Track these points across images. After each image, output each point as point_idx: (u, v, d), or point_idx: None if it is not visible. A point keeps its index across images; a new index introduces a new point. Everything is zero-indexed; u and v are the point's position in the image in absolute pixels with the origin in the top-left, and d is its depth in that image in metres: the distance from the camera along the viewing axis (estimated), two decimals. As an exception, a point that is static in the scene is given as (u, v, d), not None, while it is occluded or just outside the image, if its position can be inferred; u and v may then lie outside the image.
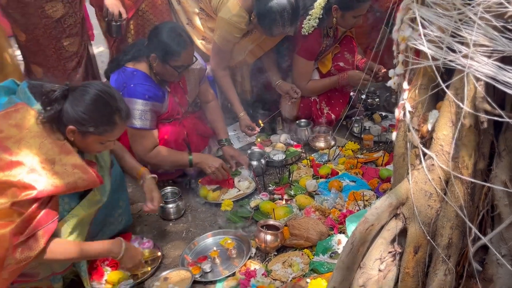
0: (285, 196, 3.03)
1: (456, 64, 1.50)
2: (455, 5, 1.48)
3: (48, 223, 2.06)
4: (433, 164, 1.63)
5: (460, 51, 1.48)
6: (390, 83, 1.92)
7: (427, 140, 1.70)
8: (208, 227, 2.88)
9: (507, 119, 1.39)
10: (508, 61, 1.41)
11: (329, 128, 3.66)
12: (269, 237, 2.54)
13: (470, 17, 1.45)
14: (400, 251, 1.75)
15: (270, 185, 3.20)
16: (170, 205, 2.97)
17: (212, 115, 3.42)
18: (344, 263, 1.75)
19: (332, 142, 3.60)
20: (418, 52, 1.70)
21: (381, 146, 3.57)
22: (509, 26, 1.39)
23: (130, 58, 2.95)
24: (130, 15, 3.48)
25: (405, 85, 1.78)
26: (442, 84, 1.55)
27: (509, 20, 1.38)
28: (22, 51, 3.41)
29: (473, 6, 1.43)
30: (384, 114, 3.99)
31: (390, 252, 1.76)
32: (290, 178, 3.19)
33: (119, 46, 3.59)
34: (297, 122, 3.78)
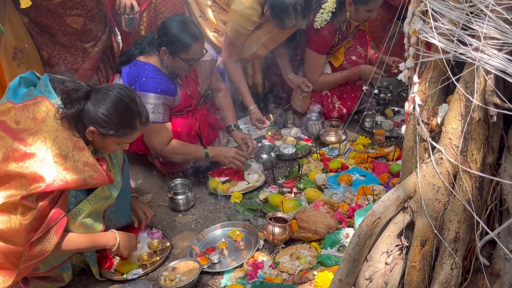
0: (294, 190, 3.04)
1: (467, 57, 1.49)
2: (467, -2, 1.47)
3: (59, 218, 2.11)
4: (442, 158, 1.62)
5: (471, 44, 1.47)
6: (401, 77, 1.92)
7: (436, 134, 1.69)
8: (217, 219, 2.90)
9: (517, 113, 1.38)
10: (519, 54, 1.40)
11: (340, 122, 3.65)
12: (277, 230, 2.54)
13: (482, 10, 1.43)
14: (407, 245, 1.74)
15: (280, 178, 3.20)
16: (180, 197, 2.99)
17: (222, 103, 3.44)
18: (351, 256, 1.75)
19: (343, 137, 3.59)
20: (429, 45, 1.69)
21: (393, 141, 3.55)
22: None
23: (141, 52, 2.96)
24: (143, 8, 3.48)
25: (415, 79, 1.77)
26: (452, 77, 1.54)
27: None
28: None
29: (485, -1, 1.42)
30: (397, 109, 3.96)
31: (397, 246, 1.76)
32: (300, 172, 3.19)
33: (128, 39, 3.60)
34: (308, 116, 3.77)
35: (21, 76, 2.35)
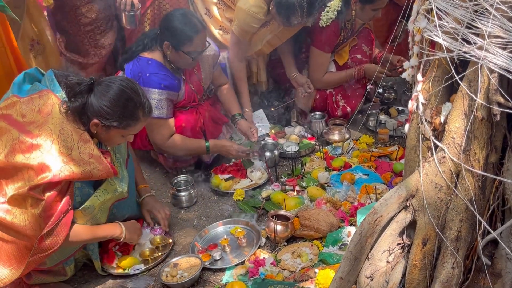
0: (297, 187, 3.04)
1: (471, 56, 1.49)
2: (472, -4, 1.46)
3: (68, 210, 2.14)
4: (444, 157, 1.62)
5: (475, 43, 1.47)
6: (405, 75, 1.91)
7: (439, 133, 1.69)
8: (219, 216, 2.90)
9: (520, 112, 1.37)
10: (523, 53, 1.39)
11: (344, 121, 3.65)
12: (279, 227, 2.54)
13: (486, 8, 1.43)
14: (409, 243, 1.74)
15: (283, 176, 3.20)
16: (183, 193, 2.99)
17: (226, 96, 3.46)
18: (352, 254, 1.75)
19: (347, 135, 3.58)
20: (433, 44, 1.69)
21: (396, 141, 3.54)
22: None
23: (144, 48, 2.96)
24: (148, 4, 3.48)
25: (419, 77, 1.77)
26: (456, 76, 1.54)
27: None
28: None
29: (489, -3, 1.42)
30: (401, 109, 3.95)
31: (399, 244, 1.76)
32: (303, 170, 3.19)
33: (132, 37, 3.60)
34: (312, 114, 3.77)
35: (26, 72, 2.37)
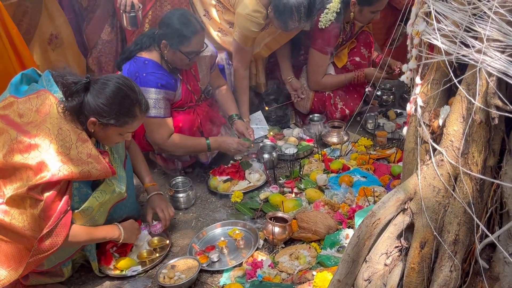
0: (295, 190, 3.04)
1: (469, 59, 1.49)
2: (470, 0, 1.46)
3: (67, 211, 2.14)
4: (443, 160, 1.61)
5: (474, 46, 1.47)
6: (403, 78, 1.91)
7: (438, 136, 1.68)
8: (217, 218, 2.90)
9: (519, 116, 1.37)
10: (522, 57, 1.39)
11: (342, 123, 3.65)
12: (277, 229, 2.54)
13: (485, 12, 1.43)
14: (407, 246, 1.74)
15: (281, 178, 3.20)
16: (181, 195, 2.99)
17: (224, 96, 3.46)
18: (350, 256, 1.75)
19: (345, 138, 3.59)
20: (432, 47, 1.69)
21: (395, 143, 3.54)
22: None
23: (142, 48, 2.97)
24: (149, 6, 3.48)
25: (418, 80, 1.77)
26: (454, 79, 1.54)
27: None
28: None
29: (488, 1, 1.42)
30: (399, 111, 3.95)
31: (397, 247, 1.75)
32: (301, 172, 3.18)
33: (133, 37, 3.61)
34: (311, 117, 3.77)
35: (23, 73, 2.37)
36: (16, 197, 2.08)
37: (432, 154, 1.66)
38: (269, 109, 3.74)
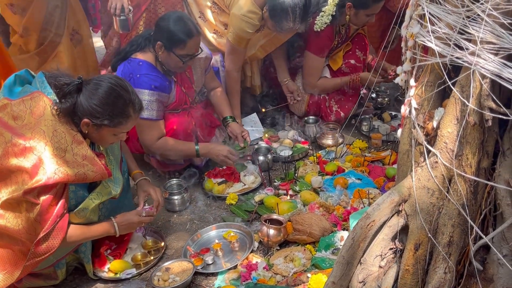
0: (290, 192, 3.03)
1: (463, 61, 1.50)
2: (464, 2, 1.47)
3: (64, 214, 2.13)
4: (437, 162, 1.62)
5: (467, 48, 1.48)
6: (398, 80, 1.92)
7: (432, 138, 1.69)
8: (212, 220, 2.89)
9: (512, 118, 1.38)
10: (515, 59, 1.40)
11: (337, 126, 3.65)
12: (272, 232, 2.54)
13: (478, 14, 1.44)
14: (401, 248, 1.74)
15: (276, 180, 3.19)
16: (175, 197, 2.98)
17: (218, 98, 3.44)
18: (344, 258, 1.75)
19: (340, 140, 3.59)
20: (426, 49, 1.70)
21: (389, 145, 3.55)
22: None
23: (136, 49, 2.96)
24: (143, 8, 3.48)
25: (412, 82, 1.77)
26: (448, 81, 1.55)
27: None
28: None
29: (482, 3, 1.42)
30: (394, 114, 3.96)
31: (391, 249, 1.76)
32: (296, 174, 3.18)
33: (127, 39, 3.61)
34: (306, 119, 3.77)
35: (16, 74, 2.36)
36: (12, 201, 2.07)
37: (426, 156, 1.67)
38: (265, 111, 3.74)
